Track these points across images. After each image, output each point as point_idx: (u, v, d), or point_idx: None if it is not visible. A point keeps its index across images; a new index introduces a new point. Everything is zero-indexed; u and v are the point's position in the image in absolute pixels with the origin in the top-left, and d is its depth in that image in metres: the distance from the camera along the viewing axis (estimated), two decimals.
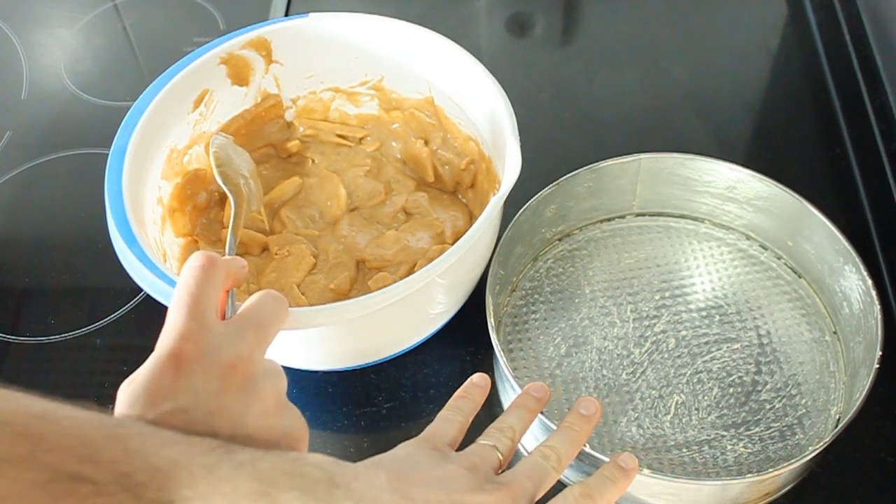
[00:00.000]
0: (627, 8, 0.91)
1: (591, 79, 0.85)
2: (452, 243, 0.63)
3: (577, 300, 0.67)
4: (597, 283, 0.68)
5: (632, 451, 0.60)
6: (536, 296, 0.68)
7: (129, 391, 0.45)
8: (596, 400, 0.52)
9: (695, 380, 0.63)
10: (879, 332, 0.58)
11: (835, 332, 0.65)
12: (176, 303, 0.45)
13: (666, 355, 0.64)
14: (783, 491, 0.59)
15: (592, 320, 0.66)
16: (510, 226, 0.64)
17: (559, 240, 0.71)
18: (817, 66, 0.84)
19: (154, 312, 0.69)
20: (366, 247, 0.66)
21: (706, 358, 0.64)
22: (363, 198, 0.70)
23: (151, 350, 0.69)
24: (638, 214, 0.72)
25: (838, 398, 0.61)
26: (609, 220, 0.72)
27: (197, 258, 0.47)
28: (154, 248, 0.59)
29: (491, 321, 0.60)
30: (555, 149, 0.79)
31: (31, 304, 0.71)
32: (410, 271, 0.64)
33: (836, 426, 0.58)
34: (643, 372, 0.63)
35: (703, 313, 0.66)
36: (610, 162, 0.67)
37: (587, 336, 0.65)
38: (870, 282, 0.60)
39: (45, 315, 0.69)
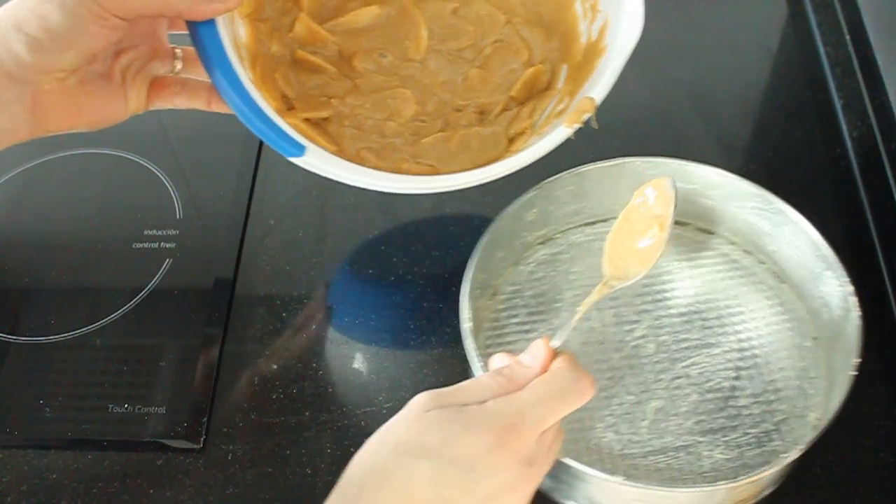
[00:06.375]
0: None
1: None
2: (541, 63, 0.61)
3: (557, 304, 0.66)
4: (578, 288, 0.67)
5: (608, 457, 0.59)
6: (517, 300, 0.67)
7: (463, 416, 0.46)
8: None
9: (673, 385, 0.62)
10: (858, 339, 0.57)
11: (815, 338, 0.64)
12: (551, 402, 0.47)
13: (645, 360, 0.63)
14: (761, 496, 0.58)
15: (572, 328, 0.65)
16: (489, 230, 0.63)
17: (541, 244, 0.70)
18: (817, 66, 0.84)
19: (154, 312, 0.69)
20: (459, 91, 0.62)
21: (686, 363, 0.63)
22: (445, 41, 0.64)
23: (151, 350, 0.69)
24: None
25: (818, 404, 0.61)
26: (592, 223, 0.71)
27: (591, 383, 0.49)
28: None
29: (465, 326, 0.59)
30: (554, 148, 0.78)
31: (31, 304, 0.71)
32: (505, 108, 0.61)
33: (816, 432, 0.56)
34: (622, 377, 0.63)
35: (684, 318, 0.65)
36: (592, 166, 0.67)
37: (566, 341, 0.64)
38: (850, 288, 0.59)
39: (45, 315, 0.69)
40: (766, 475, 0.54)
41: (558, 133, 0.55)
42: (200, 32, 0.52)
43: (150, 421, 0.63)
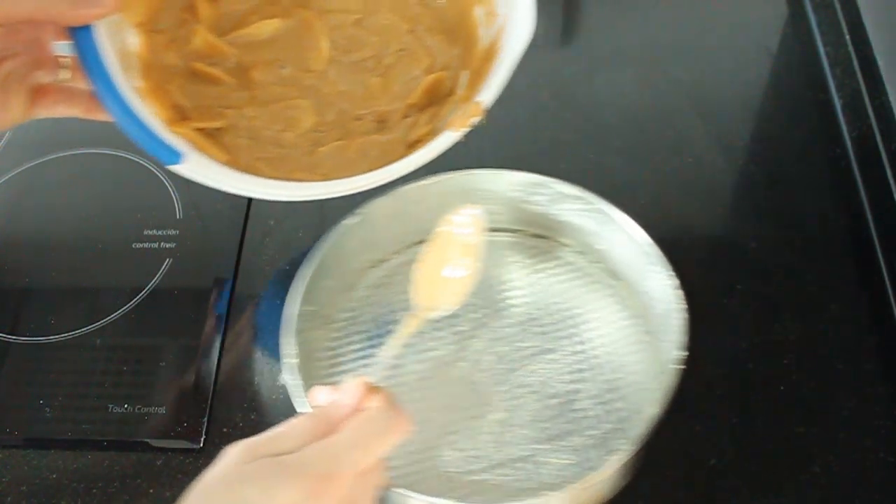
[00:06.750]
0: (627, 8, 0.91)
1: (591, 79, 0.85)
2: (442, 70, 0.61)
3: (393, 326, 0.64)
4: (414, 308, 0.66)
5: (449, 477, 0.58)
6: (353, 327, 0.66)
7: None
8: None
9: (513, 395, 0.62)
10: (682, 332, 0.57)
11: (650, 333, 0.64)
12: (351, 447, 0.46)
13: (484, 373, 0.63)
14: (609, 497, 0.58)
15: (410, 346, 0.64)
16: (311, 261, 0.62)
17: (372, 267, 0.69)
18: (817, 66, 0.84)
19: (154, 312, 0.69)
20: (358, 100, 0.61)
21: (524, 372, 0.63)
22: (348, 52, 0.63)
23: (151, 350, 0.69)
24: None
25: (657, 399, 0.58)
26: (423, 241, 0.68)
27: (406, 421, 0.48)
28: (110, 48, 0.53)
29: (287, 362, 0.58)
30: (555, 149, 0.79)
31: (31, 304, 0.71)
32: (405, 115, 0.61)
33: (648, 427, 0.55)
34: (461, 393, 0.62)
35: (522, 327, 0.65)
36: (409, 186, 0.65)
37: (404, 362, 0.63)
38: (674, 281, 0.59)
39: (45, 315, 0.69)
40: (598, 480, 0.53)
41: (446, 137, 0.54)
42: (78, 38, 0.51)
43: (150, 421, 0.63)
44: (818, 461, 0.59)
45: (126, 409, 0.63)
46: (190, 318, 0.68)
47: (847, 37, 0.83)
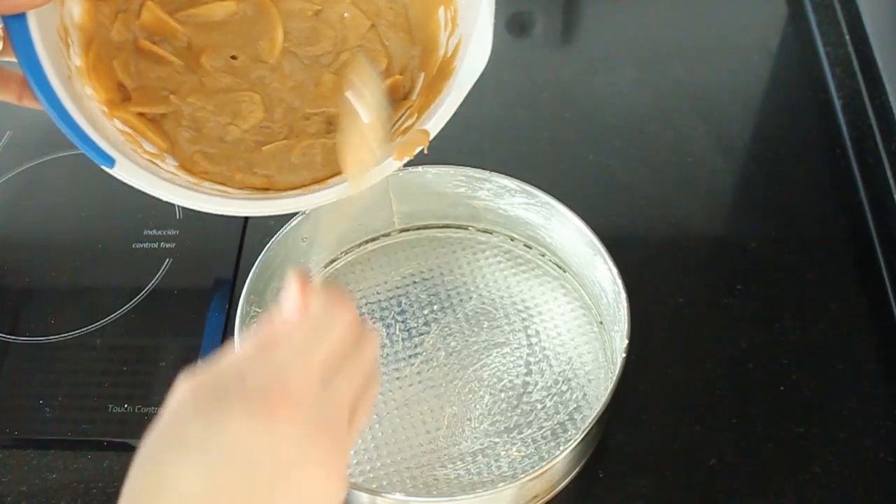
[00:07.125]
0: (627, 8, 0.91)
1: (591, 79, 0.85)
2: (401, 74, 0.59)
3: None
4: (364, 307, 0.67)
5: (404, 472, 0.59)
6: None
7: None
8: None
9: (466, 389, 0.62)
10: (627, 321, 0.58)
11: (600, 323, 0.65)
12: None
13: (437, 370, 0.63)
14: (560, 487, 0.58)
15: None
16: (257, 264, 0.62)
17: (324, 266, 0.69)
18: (817, 66, 0.84)
19: (154, 312, 0.70)
20: (309, 98, 0.59)
21: (476, 366, 0.63)
22: (304, 44, 0.61)
23: (151, 350, 0.69)
24: (402, 230, 0.70)
25: (608, 388, 0.58)
26: (373, 239, 0.70)
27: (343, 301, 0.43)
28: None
29: None
30: (555, 149, 0.79)
31: (31, 304, 0.71)
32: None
33: (593, 420, 0.55)
34: (414, 389, 0.62)
35: (473, 321, 0.66)
36: None
37: None
38: (615, 271, 0.60)
39: (45, 315, 0.69)
40: (549, 470, 0.54)
41: (387, 165, 0.53)
42: (9, 28, 0.49)
43: (150, 421, 0.62)
44: (818, 461, 0.60)
45: (126, 409, 0.63)
46: (190, 318, 0.68)
47: (847, 37, 0.83)
